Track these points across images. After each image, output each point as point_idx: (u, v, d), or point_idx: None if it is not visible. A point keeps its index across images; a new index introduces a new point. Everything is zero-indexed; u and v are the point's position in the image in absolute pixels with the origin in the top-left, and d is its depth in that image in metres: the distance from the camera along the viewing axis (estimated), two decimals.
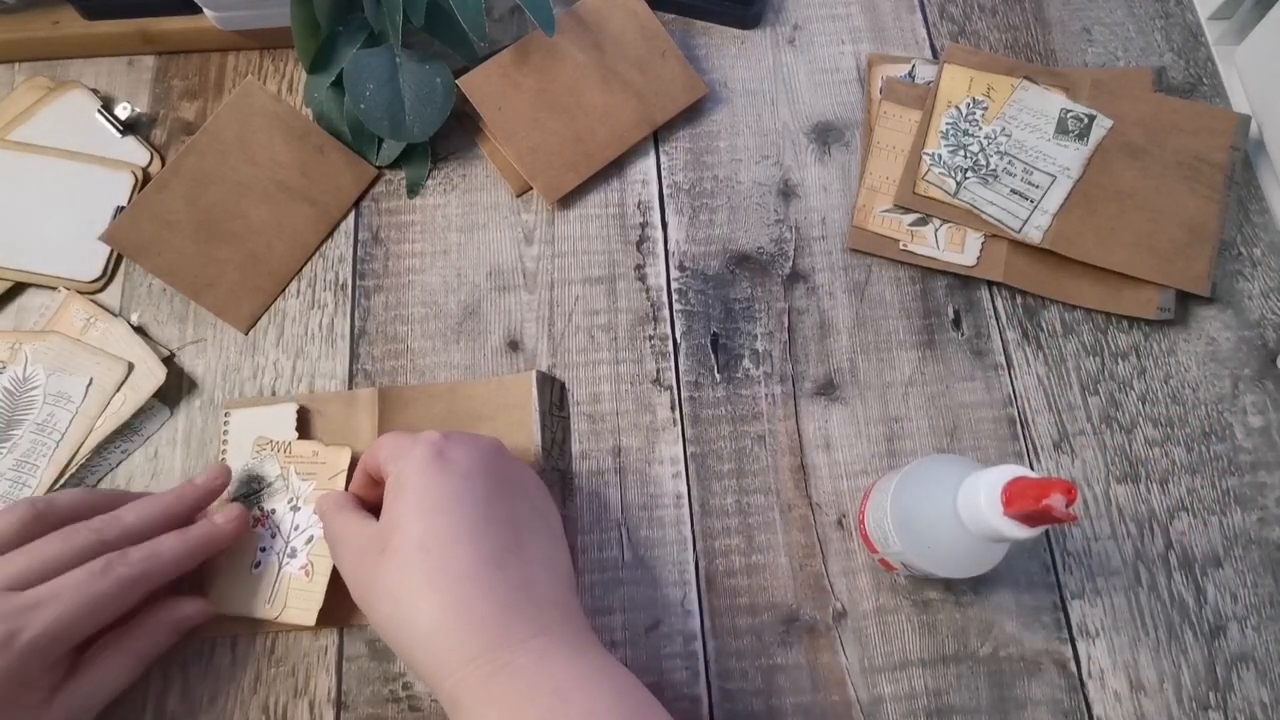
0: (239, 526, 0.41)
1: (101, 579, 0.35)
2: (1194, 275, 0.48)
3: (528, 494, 0.38)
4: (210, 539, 0.40)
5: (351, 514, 0.38)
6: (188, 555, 0.39)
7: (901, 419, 0.46)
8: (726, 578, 0.43)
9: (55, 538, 0.36)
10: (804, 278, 0.49)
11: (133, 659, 0.38)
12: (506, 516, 0.36)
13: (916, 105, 0.52)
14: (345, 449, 0.43)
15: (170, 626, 0.39)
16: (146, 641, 0.38)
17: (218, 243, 0.48)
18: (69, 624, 0.34)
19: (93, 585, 0.35)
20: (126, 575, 0.36)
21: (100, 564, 0.35)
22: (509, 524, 0.36)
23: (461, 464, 0.36)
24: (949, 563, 0.37)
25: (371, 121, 0.47)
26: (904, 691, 0.41)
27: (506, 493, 0.37)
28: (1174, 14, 0.56)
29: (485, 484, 0.36)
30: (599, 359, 0.47)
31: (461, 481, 0.35)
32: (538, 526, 0.37)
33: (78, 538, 0.36)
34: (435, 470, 0.35)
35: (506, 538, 0.35)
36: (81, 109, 0.51)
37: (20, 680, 0.33)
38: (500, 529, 0.35)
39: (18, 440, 0.43)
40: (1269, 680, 0.42)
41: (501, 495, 0.36)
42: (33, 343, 0.45)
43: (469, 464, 0.36)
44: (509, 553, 0.35)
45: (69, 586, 0.34)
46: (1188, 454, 0.46)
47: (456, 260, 0.49)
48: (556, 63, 0.50)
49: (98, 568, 0.35)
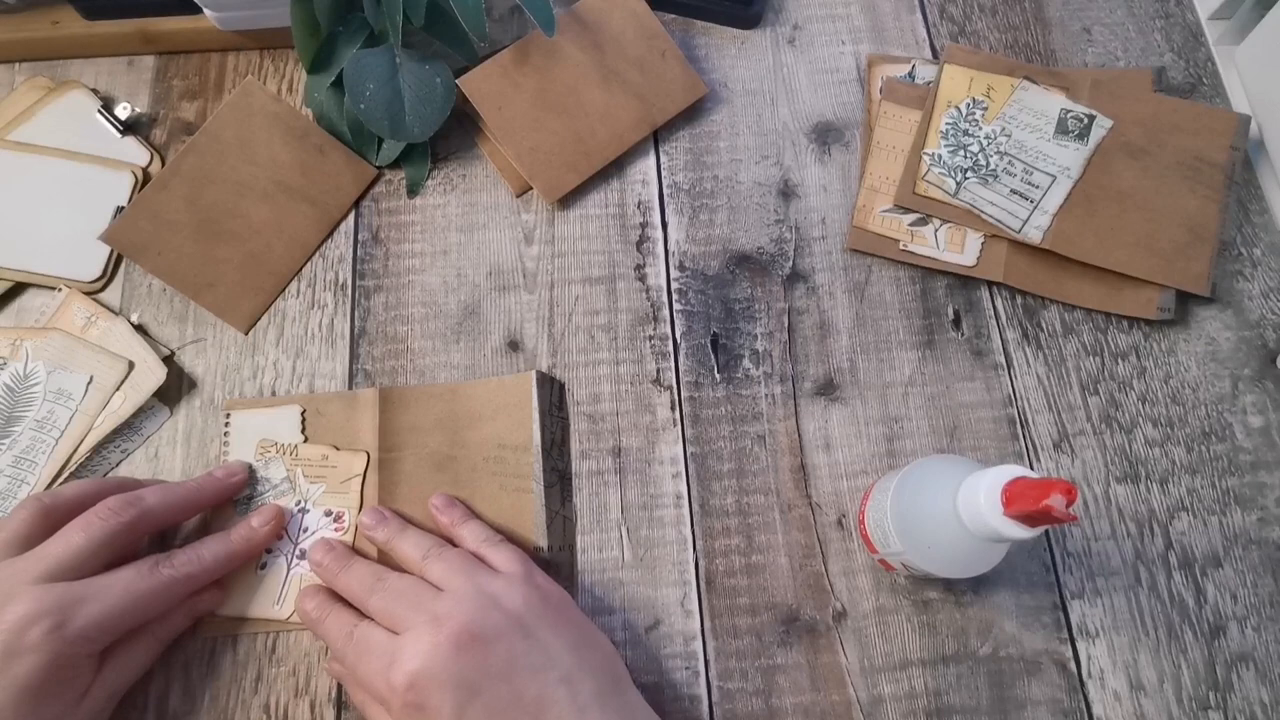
0: (276, 528, 0.42)
1: (149, 579, 0.37)
2: (1194, 275, 0.48)
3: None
4: (250, 542, 0.41)
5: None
6: (228, 558, 0.40)
7: (901, 419, 0.46)
8: (726, 578, 0.43)
9: (76, 527, 0.37)
10: (804, 278, 0.49)
11: (152, 640, 0.39)
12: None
13: (916, 105, 0.52)
14: (360, 454, 0.44)
15: (185, 610, 0.40)
16: (163, 624, 0.39)
17: (218, 243, 0.48)
18: (116, 618, 0.36)
19: (139, 584, 0.37)
20: (171, 577, 0.38)
21: (148, 565, 0.37)
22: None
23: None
24: (949, 563, 0.37)
25: (371, 121, 0.47)
26: (904, 691, 0.41)
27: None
28: (1174, 14, 0.56)
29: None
30: (599, 359, 0.47)
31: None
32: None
33: (100, 524, 0.37)
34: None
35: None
36: (81, 109, 0.51)
37: (68, 665, 0.35)
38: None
39: (17, 437, 0.44)
40: (1269, 680, 0.42)
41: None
42: (34, 339, 0.45)
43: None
44: None
45: (119, 583, 0.36)
46: (1188, 454, 0.46)
47: (456, 260, 0.49)
48: (556, 63, 0.50)
49: (144, 568, 0.37)
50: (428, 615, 0.35)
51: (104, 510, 0.38)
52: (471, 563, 0.39)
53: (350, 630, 0.37)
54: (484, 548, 0.40)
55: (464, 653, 0.34)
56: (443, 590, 0.37)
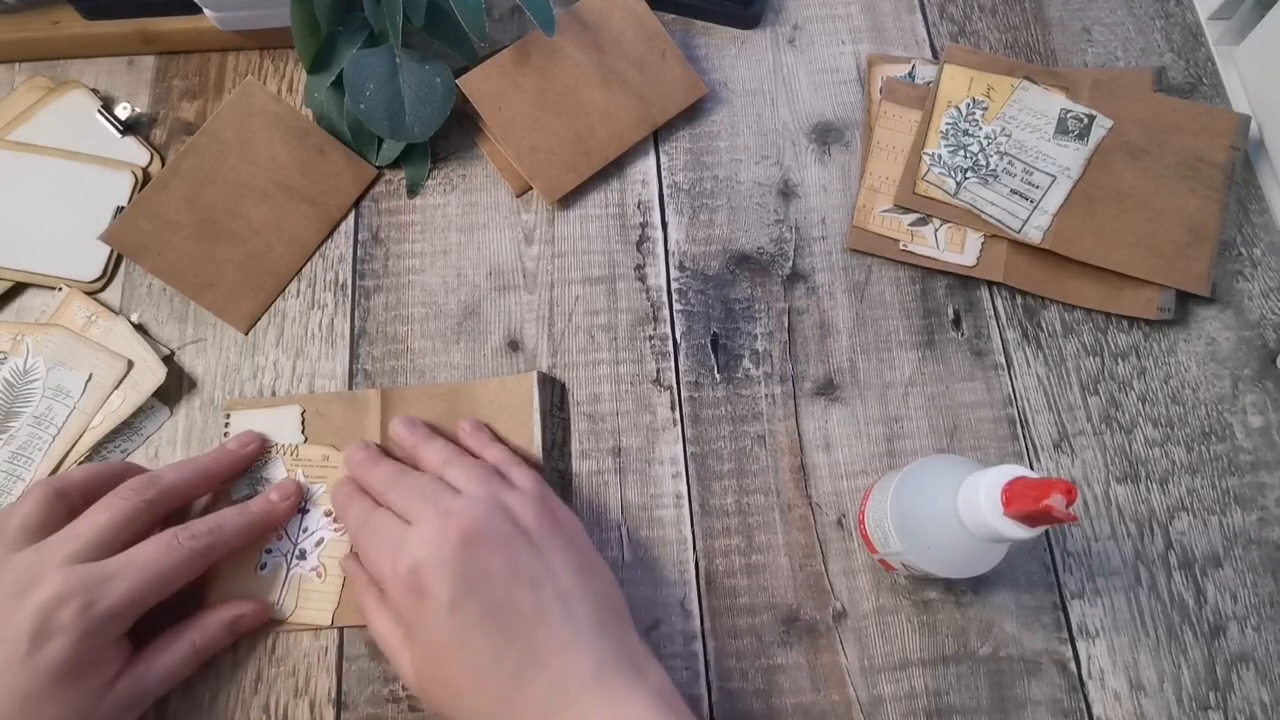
0: (294, 503, 0.43)
1: (170, 553, 0.37)
2: (1194, 275, 0.48)
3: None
4: (269, 514, 0.42)
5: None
6: (248, 529, 0.41)
7: (901, 419, 0.46)
8: (726, 578, 0.43)
9: (100, 508, 0.38)
10: (804, 278, 0.49)
11: (189, 650, 0.39)
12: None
13: (916, 105, 0.52)
14: None
15: (226, 624, 0.40)
16: (201, 634, 0.39)
17: (218, 243, 0.48)
18: (141, 594, 0.36)
19: (161, 558, 0.37)
20: (193, 548, 0.38)
21: (167, 538, 0.38)
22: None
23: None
24: (949, 563, 0.37)
25: (371, 121, 0.47)
26: (904, 691, 0.41)
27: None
28: (1174, 14, 0.56)
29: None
30: (599, 359, 0.47)
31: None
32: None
33: (122, 504, 0.38)
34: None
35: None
36: (81, 109, 0.51)
37: (97, 647, 0.35)
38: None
39: (15, 432, 0.44)
40: (1269, 680, 0.42)
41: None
42: (35, 335, 0.45)
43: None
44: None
45: (140, 559, 0.37)
46: (1188, 454, 0.46)
47: (456, 260, 0.49)
48: (556, 63, 0.50)
49: (164, 542, 0.38)
50: (440, 510, 0.37)
51: (125, 490, 0.38)
52: (490, 472, 0.40)
53: (366, 517, 0.39)
54: (505, 464, 0.41)
55: (469, 549, 0.35)
56: (459, 492, 0.38)
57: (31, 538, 0.37)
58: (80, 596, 0.35)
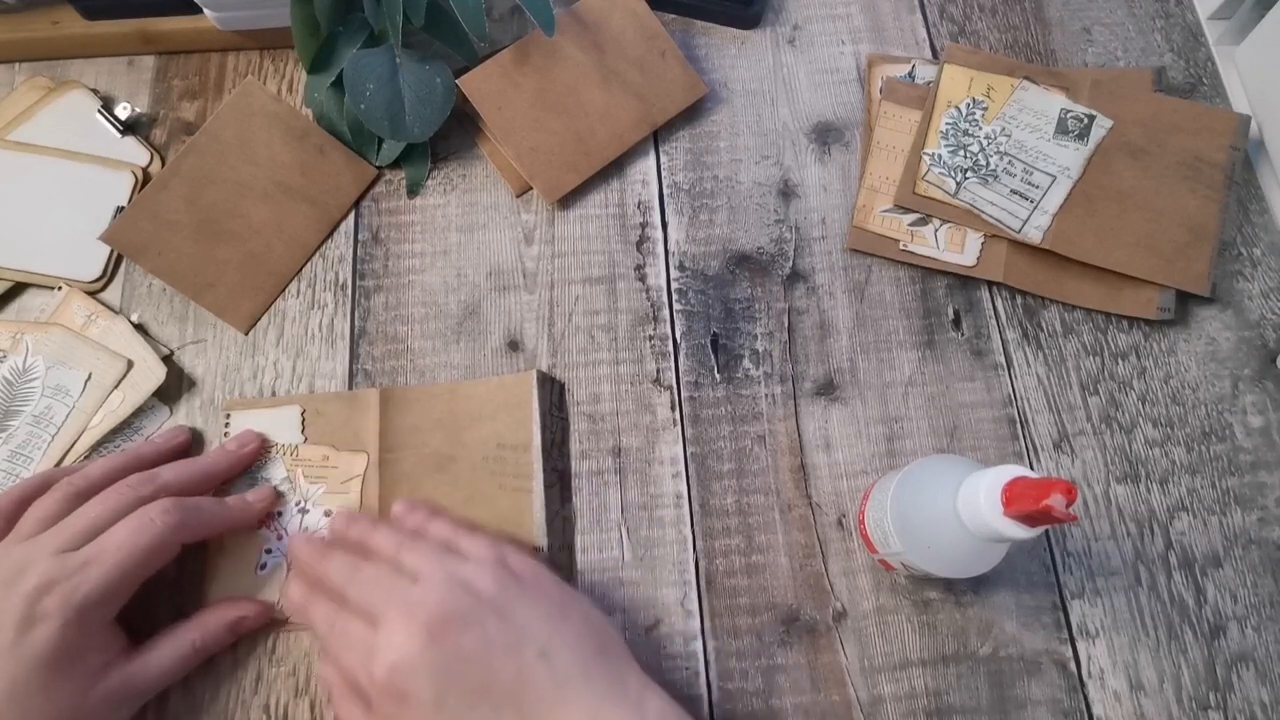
0: (268, 507, 0.43)
1: (144, 531, 0.37)
2: (1194, 275, 0.48)
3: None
4: (244, 512, 0.42)
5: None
6: (221, 518, 0.41)
7: (901, 419, 0.46)
8: (726, 578, 0.43)
9: (96, 502, 0.38)
10: (804, 278, 0.49)
11: (188, 648, 0.39)
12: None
13: (916, 105, 0.52)
14: (360, 455, 0.44)
15: (227, 623, 0.40)
16: (201, 633, 0.39)
17: (218, 243, 0.48)
18: (120, 576, 0.36)
19: (136, 538, 0.37)
20: (166, 523, 0.38)
21: (139, 516, 0.38)
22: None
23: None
24: (949, 563, 0.37)
25: (371, 121, 0.47)
26: (904, 691, 0.41)
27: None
28: (1174, 14, 0.56)
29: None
30: (599, 359, 0.47)
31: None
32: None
33: (118, 499, 0.38)
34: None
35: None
36: (81, 109, 0.51)
37: (83, 632, 0.36)
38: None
39: (14, 431, 0.44)
40: (1269, 680, 0.42)
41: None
42: (35, 333, 0.45)
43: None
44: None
45: (114, 542, 0.37)
46: (1188, 454, 0.46)
47: (456, 260, 0.49)
48: (556, 63, 0.50)
49: (136, 521, 0.38)
50: (401, 605, 0.36)
51: (122, 486, 0.39)
52: (440, 550, 0.39)
53: (331, 622, 0.38)
54: (453, 538, 0.40)
55: (438, 640, 0.35)
56: (416, 579, 0.37)
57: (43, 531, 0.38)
58: (62, 584, 0.35)
